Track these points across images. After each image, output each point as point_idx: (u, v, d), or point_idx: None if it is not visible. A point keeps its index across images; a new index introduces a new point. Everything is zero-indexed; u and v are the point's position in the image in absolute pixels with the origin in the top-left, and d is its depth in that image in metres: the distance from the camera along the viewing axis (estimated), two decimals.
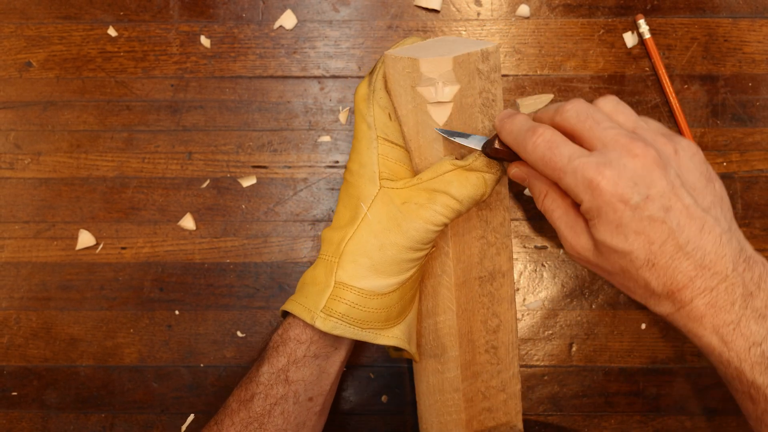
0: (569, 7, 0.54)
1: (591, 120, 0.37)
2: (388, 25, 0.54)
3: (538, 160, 0.37)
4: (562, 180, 0.36)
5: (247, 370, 0.53)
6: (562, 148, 0.36)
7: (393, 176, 0.43)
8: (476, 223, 0.46)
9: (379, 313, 0.42)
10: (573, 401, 0.54)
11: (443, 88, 0.41)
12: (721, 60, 0.54)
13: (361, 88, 0.45)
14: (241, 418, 0.42)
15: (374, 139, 0.43)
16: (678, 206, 0.35)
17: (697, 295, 0.35)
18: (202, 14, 0.54)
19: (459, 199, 0.41)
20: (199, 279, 0.54)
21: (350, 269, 0.42)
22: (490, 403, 0.49)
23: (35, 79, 0.54)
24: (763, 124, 0.53)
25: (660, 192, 0.35)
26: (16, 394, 0.54)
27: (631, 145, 0.35)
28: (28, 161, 0.54)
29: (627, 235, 0.35)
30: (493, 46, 0.42)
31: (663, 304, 0.36)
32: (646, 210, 0.34)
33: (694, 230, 0.35)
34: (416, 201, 0.41)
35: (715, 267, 0.35)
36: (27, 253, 0.54)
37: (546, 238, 0.54)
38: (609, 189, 0.34)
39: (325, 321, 0.41)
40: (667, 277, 0.35)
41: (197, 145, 0.54)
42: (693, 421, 0.53)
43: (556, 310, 0.54)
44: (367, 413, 0.54)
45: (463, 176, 0.41)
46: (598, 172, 0.34)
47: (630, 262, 0.36)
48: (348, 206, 0.44)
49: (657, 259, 0.35)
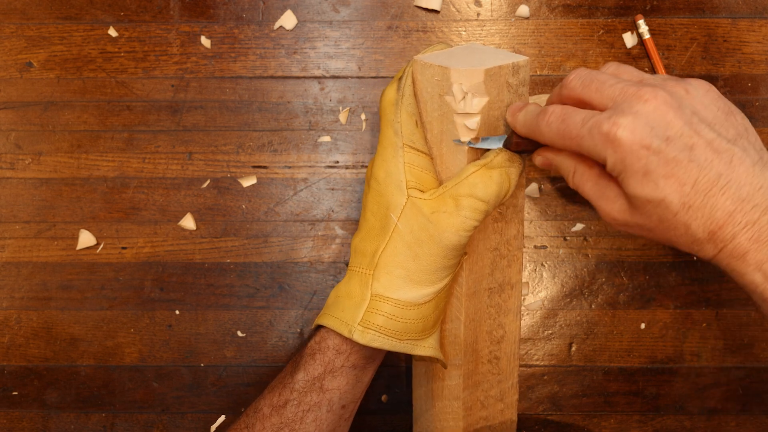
0: (569, 7, 0.54)
1: (596, 82, 0.36)
2: (388, 26, 0.54)
3: (555, 136, 0.36)
4: (581, 146, 0.35)
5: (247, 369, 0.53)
6: (574, 116, 0.36)
7: (419, 184, 0.43)
8: (490, 235, 0.46)
9: (416, 324, 0.42)
10: (572, 401, 0.54)
11: (472, 99, 0.40)
12: (720, 60, 0.54)
13: (388, 93, 0.44)
14: (273, 423, 0.42)
15: (400, 147, 0.43)
16: (701, 143, 0.34)
17: (739, 231, 0.34)
18: (203, 15, 0.54)
19: (485, 199, 0.40)
20: (199, 279, 0.54)
21: (385, 281, 0.42)
22: (487, 413, 0.49)
23: (36, 79, 0.54)
24: (763, 125, 0.54)
25: (679, 132, 0.34)
26: (16, 394, 0.54)
27: (639, 93, 0.34)
28: (28, 161, 0.54)
29: (656, 181, 0.34)
30: (524, 60, 0.42)
31: (706, 247, 0.35)
32: (670, 152, 0.33)
33: (723, 164, 0.33)
34: (445, 209, 0.41)
35: (754, 199, 0.33)
36: (28, 253, 0.54)
37: (546, 238, 0.54)
38: (627, 137, 0.33)
39: (363, 334, 0.41)
40: (706, 216, 0.34)
41: (198, 146, 0.54)
42: (692, 421, 0.54)
43: (555, 309, 0.54)
44: (367, 413, 0.54)
45: (486, 175, 0.41)
46: (612, 124, 0.34)
47: (666, 209, 0.34)
48: (377, 215, 0.44)
49: (692, 200, 0.34)
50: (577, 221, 0.54)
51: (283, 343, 0.54)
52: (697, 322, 0.54)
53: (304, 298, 0.54)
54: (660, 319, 0.53)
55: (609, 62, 0.39)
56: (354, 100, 0.54)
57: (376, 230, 0.43)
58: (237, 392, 0.54)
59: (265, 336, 0.54)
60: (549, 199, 0.54)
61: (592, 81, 0.36)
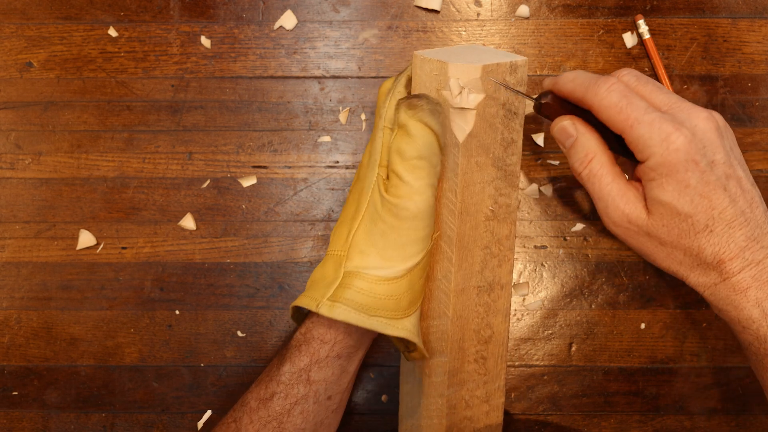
0: (569, 7, 0.54)
1: (651, 84, 0.37)
2: (388, 26, 0.54)
3: (611, 105, 0.36)
4: (634, 129, 0.35)
5: (247, 369, 0.53)
6: (638, 99, 0.36)
7: None
8: (482, 233, 0.46)
9: (388, 301, 0.41)
10: (572, 401, 0.54)
11: (468, 94, 0.41)
12: (720, 60, 0.54)
13: (385, 84, 0.45)
14: (260, 416, 0.42)
15: (381, 129, 0.43)
16: (734, 176, 0.35)
17: (745, 267, 0.35)
18: (203, 15, 0.54)
19: (418, 156, 0.40)
20: (199, 279, 0.54)
21: (358, 260, 0.42)
22: (472, 413, 0.49)
23: (36, 79, 0.54)
24: (763, 125, 0.54)
25: (722, 159, 0.35)
26: (16, 394, 0.54)
27: (696, 110, 0.35)
28: (28, 161, 0.54)
29: (693, 197, 0.35)
30: (522, 59, 0.42)
31: (709, 274, 0.36)
32: (713, 175, 0.35)
33: (746, 202, 0.35)
34: (393, 182, 0.41)
35: (764, 240, 0.35)
36: (28, 253, 0.54)
37: (546, 238, 0.54)
38: (685, 146, 0.34)
39: (331, 307, 0.40)
40: (722, 245, 0.35)
41: (198, 146, 0.54)
42: (692, 421, 0.54)
43: (555, 309, 0.54)
44: (367, 413, 0.54)
45: (403, 134, 0.40)
46: (675, 128, 0.34)
47: (691, 226, 0.35)
48: (353, 199, 0.44)
49: (715, 225, 0.35)
50: (577, 221, 0.54)
51: (282, 343, 0.54)
52: (697, 322, 0.54)
53: None
54: (660, 319, 0.54)
55: (627, 69, 0.39)
56: (354, 100, 0.54)
57: (351, 213, 0.44)
58: (237, 392, 0.54)
59: (265, 336, 0.54)
60: (549, 199, 0.54)
61: (648, 82, 0.37)
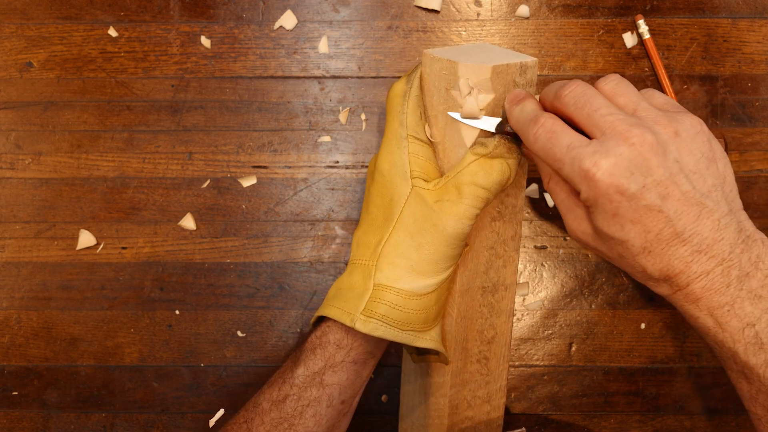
0: (569, 7, 0.54)
1: (588, 107, 0.36)
2: (388, 26, 0.54)
3: (539, 150, 0.37)
4: (561, 171, 0.36)
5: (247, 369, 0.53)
6: (562, 137, 0.36)
7: (424, 174, 0.43)
8: (487, 233, 0.46)
9: (419, 315, 0.42)
10: (572, 401, 0.54)
11: (478, 95, 0.41)
12: (720, 60, 0.54)
13: (397, 85, 0.45)
14: (272, 417, 0.42)
15: (405, 138, 0.43)
16: (675, 193, 0.35)
17: (693, 280, 0.35)
18: (203, 15, 0.54)
19: (487, 187, 0.41)
20: (199, 279, 0.54)
21: (388, 271, 0.42)
22: (473, 413, 0.49)
23: (36, 79, 0.54)
24: (763, 125, 0.54)
25: (657, 180, 0.34)
26: (16, 394, 0.54)
27: (628, 133, 0.35)
28: (28, 161, 0.54)
29: (623, 224, 0.35)
30: (532, 60, 0.42)
31: (661, 286, 0.37)
32: (643, 199, 0.34)
33: (691, 217, 0.35)
34: (447, 198, 0.41)
35: (712, 251, 0.35)
36: (28, 253, 0.54)
37: (546, 238, 0.54)
38: (605, 180, 0.34)
39: (366, 323, 0.41)
40: (664, 263, 0.35)
41: (198, 146, 0.54)
42: (692, 421, 0.54)
43: (555, 309, 0.54)
44: (367, 413, 0.54)
45: (487, 164, 0.41)
46: (593, 164, 0.34)
47: (626, 250, 0.36)
48: (380, 206, 0.44)
49: (653, 246, 0.35)
50: None
51: (283, 343, 0.54)
52: None
53: (304, 298, 0.54)
54: (660, 319, 0.54)
55: (610, 76, 0.39)
56: (354, 100, 0.54)
57: (378, 222, 0.43)
58: (237, 392, 0.54)
59: (265, 336, 0.54)
60: (549, 199, 0.54)
61: (585, 104, 0.37)
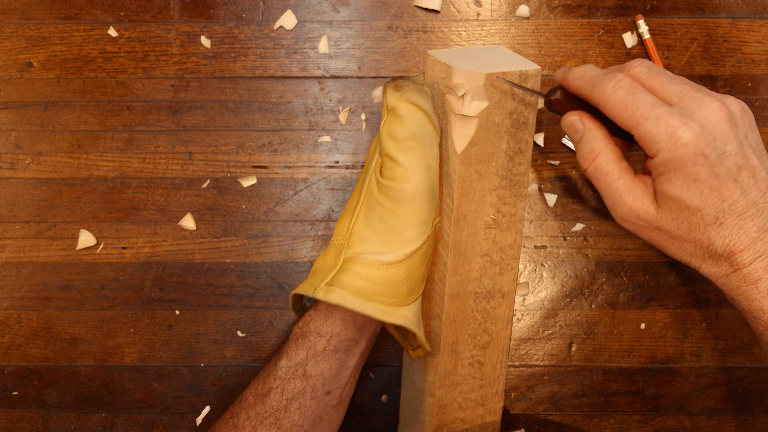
0: (569, 7, 0.54)
1: (662, 75, 0.36)
2: (388, 26, 0.54)
3: (617, 102, 0.36)
4: (640, 125, 0.35)
5: (247, 369, 0.53)
6: (645, 95, 0.36)
7: None
8: (481, 240, 0.45)
9: (386, 288, 0.41)
10: (572, 401, 0.54)
11: (470, 102, 0.40)
12: (720, 60, 0.54)
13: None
14: (257, 412, 0.42)
15: (385, 115, 0.43)
16: (747, 166, 0.35)
17: (756, 258, 0.35)
18: (203, 15, 0.54)
19: (410, 137, 0.40)
20: (199, 279, 0.54)
21: (358, 246, 0.42)
22: (465, 414, 0.49)
23: (36, 79, 0.54)
24: (763, 125, 0.54)
25: (733, 150, 0.34)
26: (16, 394, 0.54)
27: (707, 99, 0.35)
28: (28, 161, 0.54)
29: (702, 190, 0.34)
30: (534, 69, 0.40)
31: (720, 264, 0.36)
32: (722, 167, 0.34)
33: (759, 192, 0.35)
34: (387, 165, 0.41)
35: None
36: (28, 253, 0.54)
37: (546, 238, 0.54)
38: (693, 140, 0.34)
39: (327, 291, 0.40)
40: (732, 237, 0.35)
41: (198, 146, 0.54)
42: (692, 421, 0.54)
43: (555, 309, 0.54)
44: (367, 413, 0.54)
45: (393, 116, 0.41)
46: (683, 123, 0.34)
47: (700, 219, 0.35)
48: (356, 191, 0.45)
49: (725, 217, 0.35)
50: (577, 221, 0.54)
51: (282, 341, 0.54)
52: (697, 322, 0.54)
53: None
54: (660, 319, 0.54)
55: (638, 59, 0.38)
56: (354, 100, 0.54)
57: (353, 204, 0.44)
58: (237, 392, 0.54)
59: (265, 336, 0.54)
60: (549, 199, 0.54)
61: (659, 73, 0.37)
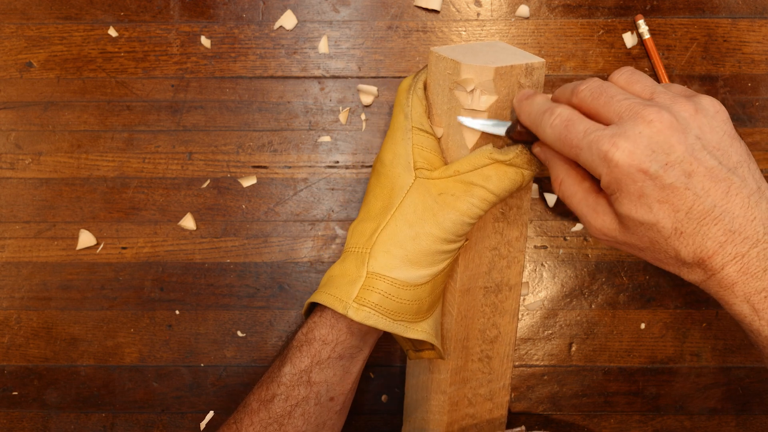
0: (569, 7, 0.54)
1: (605, 95, 0.36)
2: (388, 26, 0.54)
3: (555, 139, 0.36)
4: (579, 157, 0.35)
5: (247, 369, 0.53)
6: (578, 125, 0.36)
7: (428, 165, 0.42)
8: (490, 234, 0.45)
9: (411, 305, 0.41)
10: (572, 401, 0.54)
11: (480, 96, 0.40)
12: (720, 60, 0.54)
13: (405, 81, 0.45)
14: (261, 418, 0.42)
15: (409, 130, 0.43)
16: (700, 170, 0.34)
17: (728, 262, 0.34)
18: (203, 15, 0.54)
19: (496, 193, 0.40)
20: (199, 279, 0.54)
21: (383, 259, 0.41)
22: (474, 410, 0.49)
23: (36, 79, 0.54)
24: (763, 125, 0.54)
25: (679, 157, 0.33)
26: (16, 394, 0.54)
27: (644, 112, 0.34)
28: (28, 161, 0.54)
29: (651, 205, 0.34)
30: (539, 61, 0.41)
31: (695, 272, 0.35)
32: (667, 178, 0.33)
33: (719, 193, 0.34)
34: (453, 192, 0.41)
35: (745, 231, 0.34)
36: (28, 253, 0.54)
37: (546, 238, 0.54)
38: (625, 160, 0.33)
39: (358, 311, 0.40)
40: (697, 244, 0.34)
41: (198, 146, 0.54)
42: (692, 421, 0.54)
43: (555, 309, 0.54)
44: (367, 413, 0.54)
45: (502, 171, 0.40)
46: (611, 144, 0.34)
47: (657, 233, 0.35)
48: (379, 197, 0.43)
49: (684, 226, 0.34)
50: (577, 221, 0.54)
51: (282, 343, 0.54)
52: (697, 322, 0.54)
53: (304, 298, 0.54)
54: (660, 319, 0.54)
55: (623, 68, 0.38)
56: (354, 100, 0.54)
57: (375, 211, 0.43)
58: (237, 392, 0.54)
59: (265, 336, 0.54)
60: (549, 199, 0.54)
61: (601, 94, 0.36)
